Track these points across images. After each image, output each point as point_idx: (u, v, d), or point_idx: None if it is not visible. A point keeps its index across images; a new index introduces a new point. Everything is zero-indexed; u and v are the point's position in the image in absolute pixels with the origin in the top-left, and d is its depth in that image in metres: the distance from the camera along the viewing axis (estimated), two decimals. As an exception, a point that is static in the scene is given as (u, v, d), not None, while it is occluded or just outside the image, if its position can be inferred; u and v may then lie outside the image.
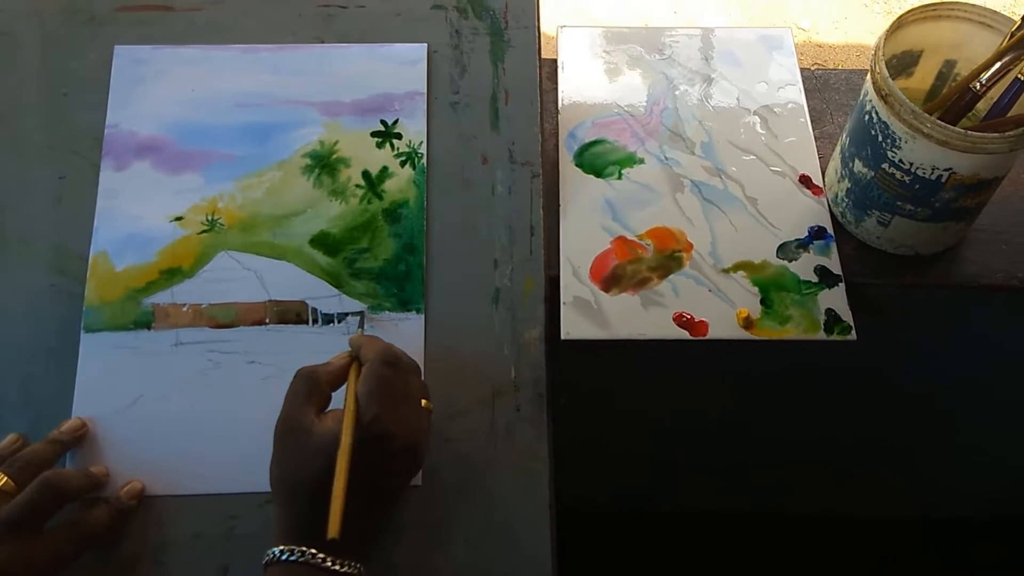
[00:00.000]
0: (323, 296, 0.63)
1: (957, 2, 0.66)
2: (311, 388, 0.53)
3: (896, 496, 1.13)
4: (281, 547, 0.49)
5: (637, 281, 0.69)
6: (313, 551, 0.49)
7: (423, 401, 0.55)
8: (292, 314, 0.62)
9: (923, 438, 0.99)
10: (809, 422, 0.94)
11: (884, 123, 0.62)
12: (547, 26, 0.80)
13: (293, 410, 0.52)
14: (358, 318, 0.62)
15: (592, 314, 0.67)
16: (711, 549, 1.18)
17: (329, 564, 0.49)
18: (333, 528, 0.47)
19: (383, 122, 0.68)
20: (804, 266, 0.69)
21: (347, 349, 0.57)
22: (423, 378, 0.60)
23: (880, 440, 0.99)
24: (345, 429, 0.50)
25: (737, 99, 0.78)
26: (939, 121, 0.59)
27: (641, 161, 0.74)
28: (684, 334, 0.66)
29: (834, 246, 0.70)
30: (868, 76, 0.63)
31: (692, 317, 0.67)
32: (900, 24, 0.65)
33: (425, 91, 0.69)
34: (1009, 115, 0.64)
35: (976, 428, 0.97)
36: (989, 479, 1.08)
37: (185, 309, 0.62)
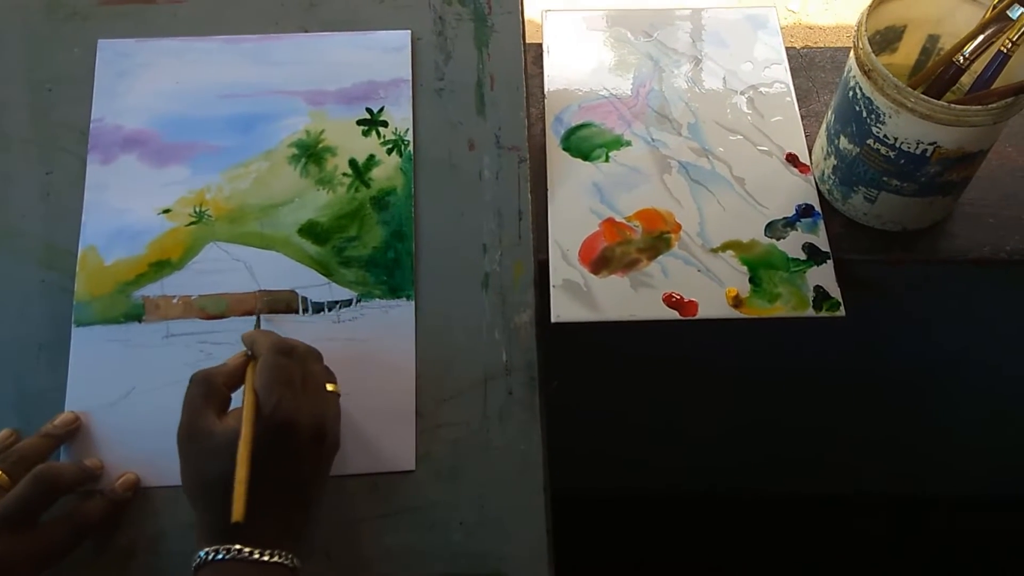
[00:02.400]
0: (313, 285, 0.63)
1: (939, -24, 0.66)
2: (208, 391, 0.53)
3: (886, 473, 1.13)
4: (207, 548, 0.49)
5: (626, 263, 0.69)
6: (239, 547, 0.49)
7: (329, 386, 0.55)
8: (282, 303, 0.63)
9: (912, 413, 1.00)
10: (799, 399, 0.95)
11: (868, 99, 0.62)
12: (532, 10, 0.80)
13: (192, 416, 0.52)
14: (255, 318, 0.61)
15: (582, 297, 0.67)
16: (706, 530, 1.19)
17: (258, 556, 0.49)
18: (237, 512, 0.47)
19: (368, 110, 0.68)
20: (792, 244, 0.69)
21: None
22: (414, 366, 0.61)
23: (870, 415, 1.00)
24: (245, 420, 0.50)
25: (723, 79, 0.78)
26: (922, 95, 0.59)
27: (628, 143, 0.74)
28: (674, 314, 0.67)
29: (822, 223, 0.71)
30: (851, 52, 0.63)
31: (682, 297, 0.67)
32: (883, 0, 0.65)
33: (410, 78, 0.69)
34: (993, 87, 0.64)
35: (965, 402, 0.98)
36: (980, 455, 1.08)
37: (175, 301, 0.62)
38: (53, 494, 0.54)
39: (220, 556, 0.49)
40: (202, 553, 0.49)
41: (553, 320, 0.66)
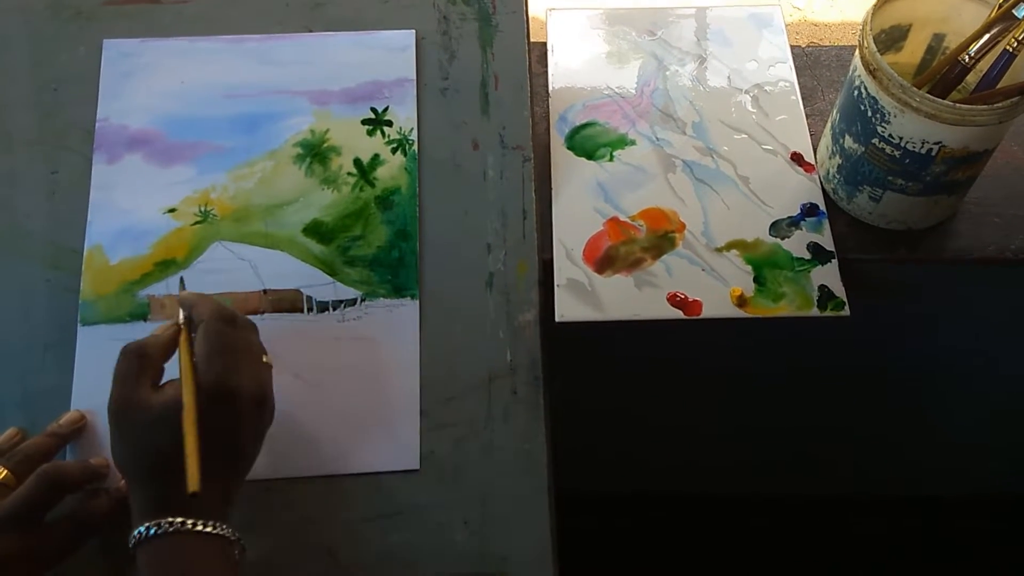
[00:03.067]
0: (317, 284, 0.63)
1: (944, -25, 0.65)
2: (141, 364, 0.52)
3: (889, 473, 1.13)
4: (146, 524, 0.48)
5: (630, 262, 0.69)
6: (180, 520, 0.48)
7: (264, 357, 0.55)
8: (287, 303, 0.63)
9: (916, 412, 1.00)
10: (803, 398, 0.95)
11: (873, 98, 0.62)
12: (536, 9, 0.79)
13: (126, 390, 0.51)
14: (179, 281, 0.61)
15: (586, 296, 0.67)
16: (708, 530, 1.19)
17: (201, 528, 0.48)
18: (192, 482, 0.47)
19: (373, 110, 0.68)
20: (797, 243, 0.69)
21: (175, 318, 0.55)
22: (419, 365, 0.61)
23: (873, 415, 0.99)
24: (185, 390, 0.49)
25: (728, 78, 0.78)
26: (927, 94, 0.59)
27: (632, 142, 0.74)
28: (678, 314, 0.67)
29: (826, 223, 0.70)
30: (856, 51, 0.63)
31: (686, 297, 0.67)
32: (888, -2, 0.65)
33: (414, 78, 0.69)
34: (998, 87, 0.64)
35: (969, 402, 0.97)
36: (983, 455, 1.08)
37: (180, 300, 0.62)
38: (58, 493, 0.54)
39: (160, 531, 0.48)
40: (141, 529, 0.48)
41: (557, 319, 0.66)
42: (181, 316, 0.55)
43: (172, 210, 0.65)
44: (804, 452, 1.06)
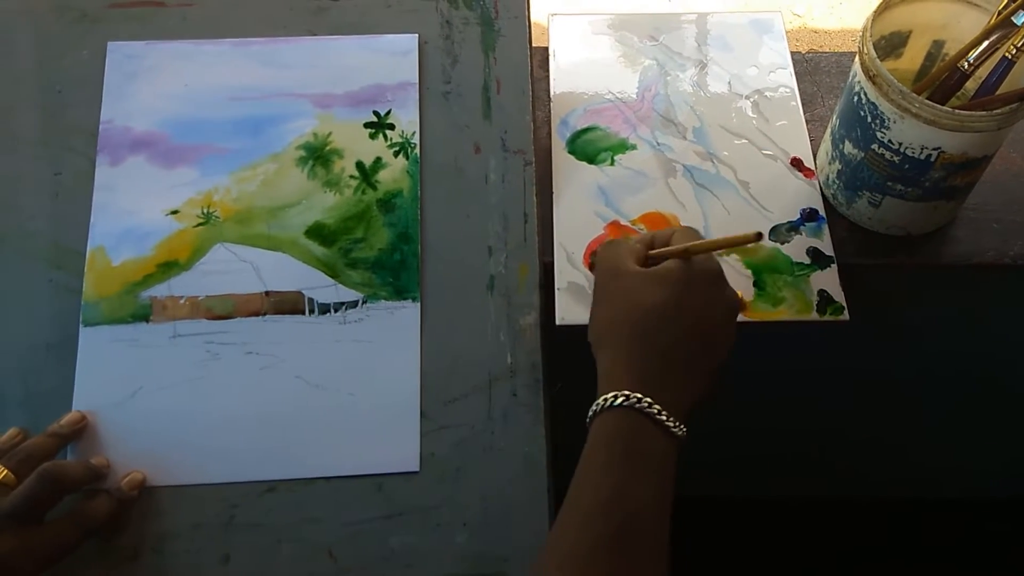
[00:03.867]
0: (319, 286, 0.64)
1: (944, -18, 0.66)
2: (633, 249, 0.55)
3: (888, 476, 1.13)
4: (614, 392, 0.48)
5: (631, 266, 0.69)
6: (649, 400, 0.48)
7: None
8: (289, 304, 0.63)
9: (915, 416, 1.00)
10: (802, 402, 0.95)
11: (873, 104, 0.63)
12: (538, 14, 0.80)
13: (618, 260, 0.53)
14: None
15: (587, 299, 0.67)
16: (707, 532, 1.19)
17: (656, 413, 0.48)
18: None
19: (376, 113, 0.68)
20: (796, 248, 0.70)
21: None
22: (419, 367, 0.61)
23: (872, 418, 1.00)
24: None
25: (728, 84, 0.78)
26: (927, 100, 0.59)
27: (633, 147, 0.75)
28: (678, 318, 0.67)
29: (826, 228, 0.71)
30: (856, 57, 0.64)
31: (686, 301, 0.67)
32: (888, 5, 0.65)
33: (417, 81, 0.69)
34: (997, 93, 0.64)
35: (968, 406, 0.97)
36: (982, 458, 1.08)
37: (182, 301, 0.63)
38: (59, 492, 0.54)
39: (628, 403, 0.47)
40: (609, 396, 0.48)
41: (558, 322, 0.66)
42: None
43: (175, 212, 0.65)
44: (803, 455, 1.06)
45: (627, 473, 0.47)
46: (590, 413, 0.49)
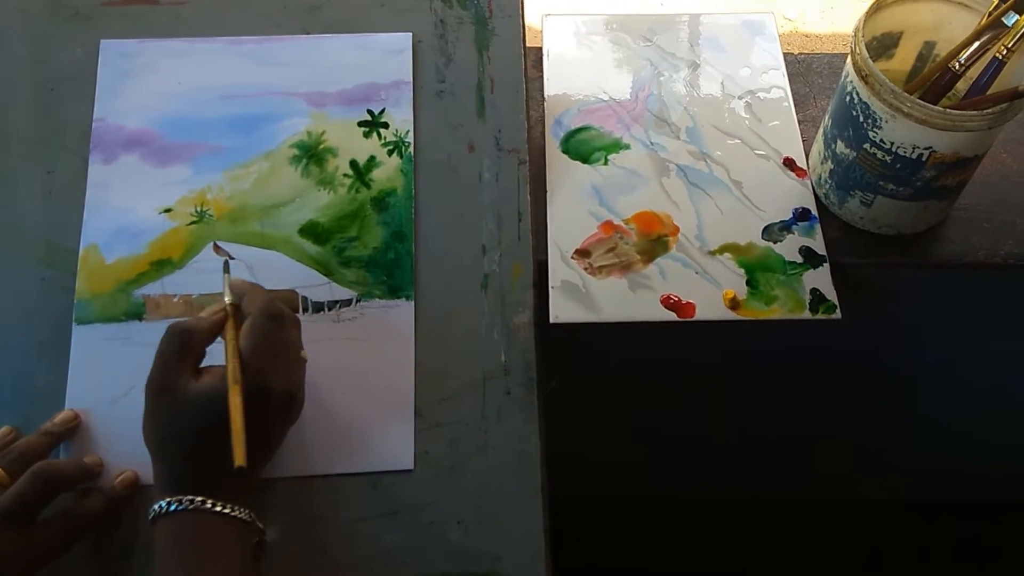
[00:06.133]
0: (313, 285, 0.64)
1: (935, -17, 0.66)
2: (185, 347, 0.53)
3: (881, 477, 1.13)
4: (168, 499, 0.49)
5: (624, 265, 0.69)
6: (201, 499, 0.49)
7: (301, 352, 0.56)
8: (283, 303, 0.63)
9: (907, 416, 1.00)
10: (795, 401, 0.95)
11: (865, 103, 0.63)
12: (532, 14, 0.80)
13: (167, 371, 0.52)
14: (223, 263, 0.60)
15: (580, 298, 0.68)
16: (701, 534, 1.19)
17: (220, 508, 0.50)
18: (239, 456, 0.48)
19: (370, 112, 0.68)
20: (789, 247, 0.70)
21: (222, 302, 0.56)
22: (413, 365, 0.61)
23: (865, 418, 1.00)
24: (230, 372, 0.51)
25: (721, 84, 0.79)
26: (918, 100, 0.60)
27: (627, 147, 0.75)
28: (671, 316, 0.67)
29: (818, 227, 0.71)
30: (849, 58, 0.64)
31: (679, 299, 0.68)
32: (880, 6, 0.65)
33: (411, 80, 0.69)
34: (988, 93, 0.65)
35: (960, 406, 0.98)
36: (975, 458, 1.09)
37: (176, 300, 0.62)
38: (52, 491, 0.54)
39: (181, 507, 0.49)
40: (162, 504, 0.50)
41: (552, 321, 0.66)
42: (227, 299, 0.56)
43: (168, 210, 0.65)
44: (797, 455, 1.07)
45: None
46: (150, 516, 0.51)
